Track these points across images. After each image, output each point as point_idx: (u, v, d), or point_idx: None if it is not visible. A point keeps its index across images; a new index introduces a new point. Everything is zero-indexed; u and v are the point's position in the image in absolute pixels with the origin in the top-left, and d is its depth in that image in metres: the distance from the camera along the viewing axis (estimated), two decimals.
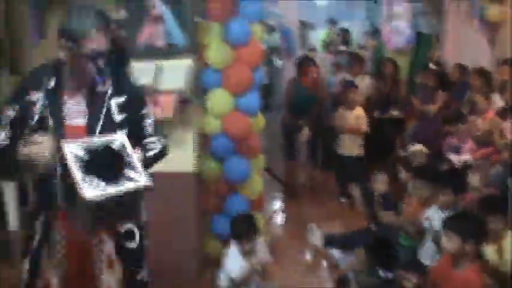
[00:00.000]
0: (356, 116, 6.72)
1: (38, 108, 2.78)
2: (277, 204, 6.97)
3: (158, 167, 4.61)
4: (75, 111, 2.84)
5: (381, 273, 4.00)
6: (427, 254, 4.48)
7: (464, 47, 8.50)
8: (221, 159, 4.81)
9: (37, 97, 2.79)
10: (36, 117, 2.78)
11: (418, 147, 6.36)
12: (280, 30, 11.48)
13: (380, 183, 5.33)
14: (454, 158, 5.93)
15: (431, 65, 8.40)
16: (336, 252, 5.22)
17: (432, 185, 4.66)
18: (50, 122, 2.77)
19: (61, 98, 2.81)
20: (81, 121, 2.84)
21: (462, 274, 3.54)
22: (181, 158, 4.69)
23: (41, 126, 2.76)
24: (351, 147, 6.79)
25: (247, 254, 4.32)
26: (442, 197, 4.45)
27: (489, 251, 3.90)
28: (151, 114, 3.10)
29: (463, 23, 8.30)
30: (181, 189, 4.75)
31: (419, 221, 4.60)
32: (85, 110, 2.84)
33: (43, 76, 2.83)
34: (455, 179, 4.71)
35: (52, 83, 2.82)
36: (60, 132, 2.76)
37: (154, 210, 4.73)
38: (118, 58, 3.17)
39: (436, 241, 4.32)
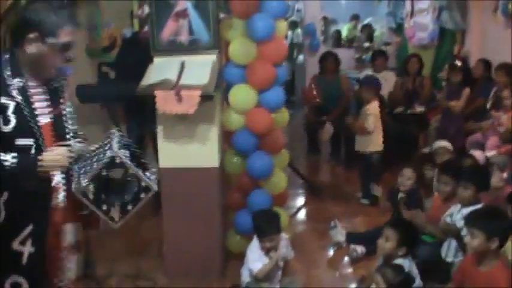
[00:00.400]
0: (365, 114, 6.55)
1: (11, 111, 2.76)
2: (300, 201, 6.96)
3: (182, 162, 4.69)
4: (41, 107, 2.88)
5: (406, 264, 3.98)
6: (450, 251, 4.46)
7: (488, 42, 8.44)
8: (244, 154, 4.81)
9: (7, 100, 2.77)
10: (13, 122, 2.76)
11: (442, 143, 6.32)
12: (304, 26, 11.45)
13: (406, 178, 5.29)
14: (478, 154, 5.88)
15: (457, 61, 8.34)
16: (359, 248, 5.21)
17: (455, 182, 4.63)
18: (29, 123, 2.78)
19: (30, 96, 2.82)
20: (48, 119, 2.89)
21: (487, 272, 3.51)
22: (205, 153, 4.72)
23: (19, 130, 2.76)
24: (365, 143, 6.66)
25: (268, 250, 4.32)
26: (464, 193, 4.41)
27: (508, 248, 3.86)
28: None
29: (487, 18, 8.22)
30: (205, 185, 4.77)
31: (441, 218, 4.58)
32: (48, 105, 2.89)
33: (7, 75, 2.81)
34: (479, 175, 4.66)
35: (20, 82, 2.81)
36: (39, 133, 2.78)
37: (178, 205, 4.81)
38: None
39: (458, 238, 4.31)
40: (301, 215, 6.63)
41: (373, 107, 6.50)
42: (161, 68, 4.48)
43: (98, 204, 2.98)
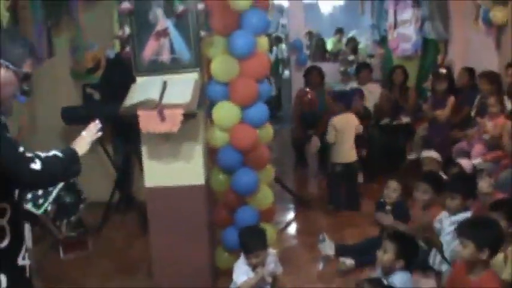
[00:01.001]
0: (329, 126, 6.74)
1: None
2: (289, 215, 6.96)
3: (168, 181, 4.69)
4: None
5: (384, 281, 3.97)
6: (436, 259, 4.47)
7: (471, 50, 8.50)
8: (230, 171, 4.82)
9: None
10: None
11: (429, 153, 6.35)
12: (291, 41, 11.51)
13: (392, 190, 5.31)
14: (465, 162, 5.91)
15: (441, 70, 8.41)
16: (348, 261, 5.21)
17: (434, 190, 4.67)
18: None
19: None
20: None
21: (477, 281, 3.50)
22: (190, 171, 4.73)
23: None
24: (331, 154, 6.87)
25: (255, 266, 4.32)
26: (451, 203, 4.43)
27: (496, 259, 3.86)
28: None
29: (469, 27, 8.28)
30: (192, 203, 4.77)
31: (429, 227, 4.59)
32: None
33: None
34: (465, 184, 4.68)
35: None
36: None
37: (165, 224, 4.80)
38: None
39: (440, 250, 4.33)
40: (291, 229, 6.63)
41: (337, 120, 6.61)
42: (143, 88, 4.48)
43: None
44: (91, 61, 7.30)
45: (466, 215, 4.33)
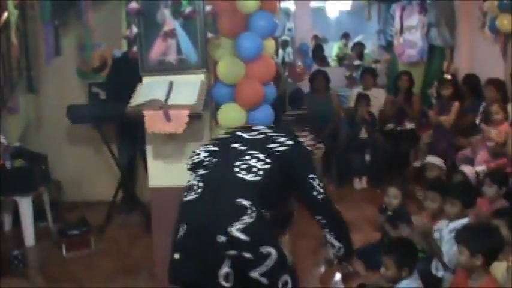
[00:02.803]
0: None
1: None
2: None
3: (172, 181, 4.69)
4: None
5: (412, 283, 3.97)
6: (439, 266, 4.47)
7: (477, 58, 8.49)
8: None
9: None
10: None
11: (433, 159, 6.34)
12: (298, 46, 11.50)
13: (392, 197, 5.30)
14: (468, 170, 5.90)
15: (446, 75, 8.42)
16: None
17: (443, 197, 4.66)
18: None
19: None
20: None
21: (478, 287, 3.52)
22: None
23: None
24: None
25: None
26: (451, 209, 4.44)
27: (497, 269, 3.87)
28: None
29: (476, 35, 8.28)
30: None
31: (430, 234, 4.59)
32: None
33: None
34: (465, 191, 4.68)
35: None
36: None
37: (169, 225, 4.80)
38: None
39: (439, 257, 4.34)
40: (292, 233, 6.61)
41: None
42: (150, 88, 4.49)
43: None
44: (97, 60, 7.33)
45: (464, 221, 4.34)
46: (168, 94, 4.39)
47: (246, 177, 3.36)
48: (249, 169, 3.39)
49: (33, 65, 7.17)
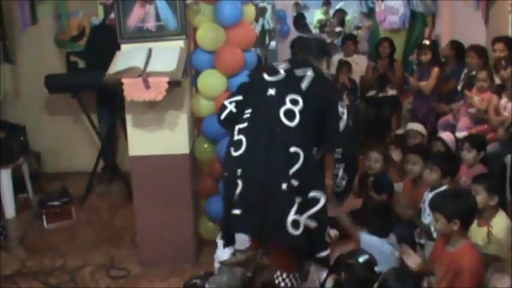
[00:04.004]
0: None
1: None
2: None
3: (152, 150, 4.66)
4: None
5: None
6: (421, 234, 4.48)
7: (458, 25, 8.46)
8: (215, 140, 4.79)
9: None
10: None
11: (414, 126, 6.32)
12: (275, 12, 11.43)
13: (373, 161, 5.29)
14: (447, 135, 5.89)
15: (425, 41, 8.40)
16: (332, 232, 5.19)
17: (424, 161, 4.66)
18: None
19: None
20: None
21: (454, 252, 3.51)
22: (175, 140, 4.70)
23: None
24: None
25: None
26: (429, 176, 4.44)
27: (478, 234, 3.89)
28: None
29: (457, 1, 8.24)
30: (176, 172, 4.75)
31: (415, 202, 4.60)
32: None
33: None
34: (447, 160, 4.67)
35: None
36: None
37: (150, 194, 4.78)
38: None
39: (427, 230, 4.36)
40: None
41: None
42: (128, 55, 4.43)
43: None
44: (75, 28, 7.23)
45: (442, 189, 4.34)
46: (147, 61, 4.33)
47: (290, 123, 3.49)
48: (290, 114, 3.51)
49: (9, 34, 7.05)
